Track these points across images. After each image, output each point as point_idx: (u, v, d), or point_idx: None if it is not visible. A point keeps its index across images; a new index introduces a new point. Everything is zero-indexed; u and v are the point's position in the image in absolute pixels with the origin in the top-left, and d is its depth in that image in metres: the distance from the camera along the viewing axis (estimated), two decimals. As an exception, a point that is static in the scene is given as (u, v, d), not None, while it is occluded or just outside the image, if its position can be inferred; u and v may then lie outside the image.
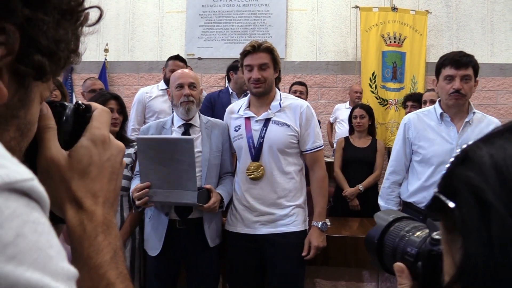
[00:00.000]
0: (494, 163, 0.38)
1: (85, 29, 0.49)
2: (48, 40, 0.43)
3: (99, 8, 0.50)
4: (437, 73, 2.13)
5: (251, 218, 2.18)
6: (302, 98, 4.05)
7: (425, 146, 2.12)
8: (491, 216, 0.36)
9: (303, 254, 2.13)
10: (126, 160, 2.32)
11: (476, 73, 2.05)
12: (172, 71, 3.13)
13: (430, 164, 2.09)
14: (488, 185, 0.37)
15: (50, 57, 0.44)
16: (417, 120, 2.18)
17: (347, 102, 5.00)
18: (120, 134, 2.37)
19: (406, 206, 2.23)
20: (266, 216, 2.16)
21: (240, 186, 2.21)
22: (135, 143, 2.41)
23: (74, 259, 0.48)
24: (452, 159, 0.43)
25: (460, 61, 2.02)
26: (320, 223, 2.16)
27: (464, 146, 0.43)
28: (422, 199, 2.11)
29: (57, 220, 0.51)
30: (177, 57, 3.53)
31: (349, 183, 3.54)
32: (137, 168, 2.26)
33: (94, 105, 0.57)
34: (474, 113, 2.11)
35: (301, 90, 4.14)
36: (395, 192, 2.24)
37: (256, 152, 2.17)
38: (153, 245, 2.18)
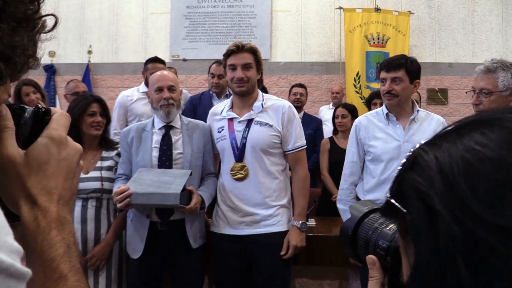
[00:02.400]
0: (439, 167, 0.37)
1: (44, 35, 0.51)
2: (3, 45, 0.45)
3: (54, 15, 0.52)
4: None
5: (235, 219, 2.18)
6: (302, 100, 4.17)
7: (374, 145, 2.22)
8: (438, 224, 0.36)
9: (282, 253, 2.13)
10: (110, 162, 2.31)
11: (411, 74, 2.15)
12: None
13: (380, 161, 2.20)
14: (434, 191, 0.37)
15: (6, 62, 0.46)
16: (367, 121, 2.30)
17: (331, 103, 5.04)
18: (104, 137, 2.35)
19: None
20: (250, 217, 2.16)
21: (224, 187, 2.21)
22: (118, 145, 2.40)
23: (28, 253, 0.50)
24: (402, 162, 0.43)
25: (390, 64, 2.17)
26: (300, 222, 2.16)
27: (413, 149, 0.42)
28: (378, 196, 2.19)
29: (13, 217, 0.52)
30: (156, 59, 3.52)
31: (337, 185, 3.50)
32: (119, 171, 2.25)
33: (54, 109, 0.58)
34: (418, 111, 2.22)
35: (301, 92, 4.24)
36: (353, 194, 2.33)
37: (239, 153, 2.17)
38: (135, 248, 2.16)
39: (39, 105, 0.56)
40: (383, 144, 2.19)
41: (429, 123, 2.20)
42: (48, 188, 0.53)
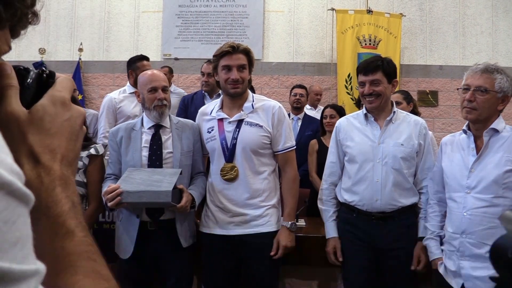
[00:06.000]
0: None
1: None
2: None
3: None
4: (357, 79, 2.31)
5: (225, 219, 2.17)
6: (302, 101, 4.20)
7: (350, 146, 2.26)
8: None
9: (272, 253, 2.14)
10: (78, 164, 2.20)
11: (388, 75, 2.20)
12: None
13: (355, 162, 2.23)
14: None
15: (6, 6, 0.45)
16: (346, 123, 2.33)
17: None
18: None
19: (341, 205, 2.32)
20: (240, 217, 2.16)
21: (214, 187, 2.21)
22: (88, 144, 2.32)
23: (33, 212, 0.49)
24: None
25: (367, 67, 2.20)
26: (289, 223, 2.17)
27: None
28: (352, 197, 2.22)
29: None
30: (142, 57, 3.49)
31: None
32: (107, 171, 2.23)
33: (58, 74, 0.58)
34: (394, 112, 2.24)
35: (301, 93, 4.27)
36: (332, 194, 2.35)
37: (229, 153, 2.17)
38: (125, 248, 2.15)
39: (44, 67, 0.56)
40: (358, 145, 2.22)
41: (407, 125, 2.22)
42: (52, 147, 0.52)
